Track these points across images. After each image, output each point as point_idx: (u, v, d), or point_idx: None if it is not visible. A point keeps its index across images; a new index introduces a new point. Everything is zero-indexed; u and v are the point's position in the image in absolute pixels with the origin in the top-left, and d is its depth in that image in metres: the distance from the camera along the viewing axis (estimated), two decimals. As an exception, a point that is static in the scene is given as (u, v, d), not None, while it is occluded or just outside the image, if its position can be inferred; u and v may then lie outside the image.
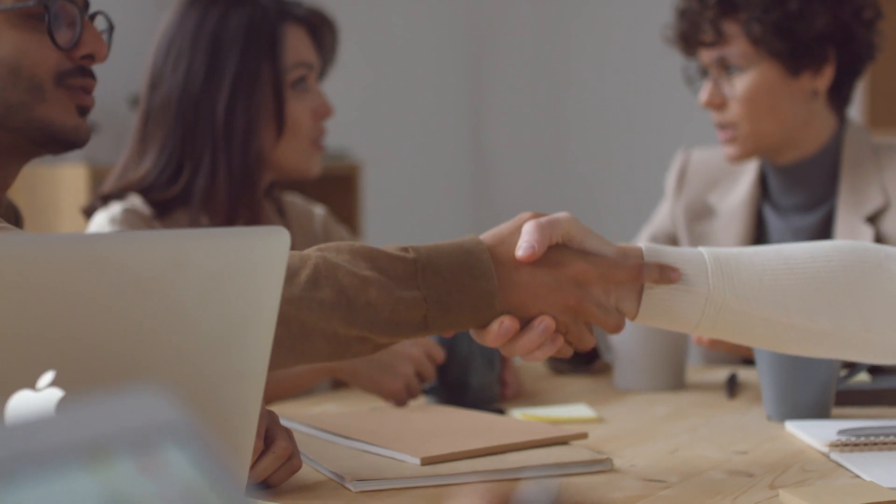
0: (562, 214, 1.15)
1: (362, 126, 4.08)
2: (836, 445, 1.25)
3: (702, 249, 1.19)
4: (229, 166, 1.69)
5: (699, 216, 2.01)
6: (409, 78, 4.36)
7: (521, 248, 1.11)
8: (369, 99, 4.18)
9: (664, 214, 2.07)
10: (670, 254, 1.18)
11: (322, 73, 1.84)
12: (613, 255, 1.15)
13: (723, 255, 1.19)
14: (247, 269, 0.93)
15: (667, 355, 1.65)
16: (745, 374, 1.76)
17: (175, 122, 1.70)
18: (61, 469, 0.39)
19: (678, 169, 2.06)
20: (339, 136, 3.62)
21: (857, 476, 1.15)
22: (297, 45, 1.73)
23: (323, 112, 1.76)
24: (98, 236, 0.91)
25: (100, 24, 1.31)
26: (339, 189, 3.60)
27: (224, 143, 1.68)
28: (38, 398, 0.85)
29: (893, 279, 1.20)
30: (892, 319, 1.20)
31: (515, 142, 4.46)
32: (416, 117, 4.38)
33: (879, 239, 1.85)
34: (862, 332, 1.19)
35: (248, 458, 0.96)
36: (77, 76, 1.25)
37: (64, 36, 1.23)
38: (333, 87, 2.43)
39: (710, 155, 2.04)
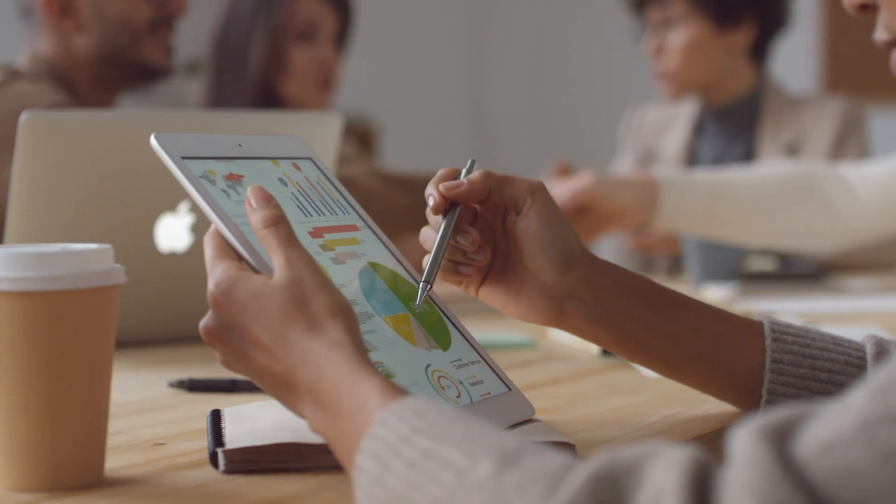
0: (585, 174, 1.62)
1: (381, 92, 4.53)
2: (736, 294, 1.70)
3: (657, 175, 1.64)
4: (249, 98, 2.14)
5: (646, 162, 2.46)
6: (420, 50, 4.80)
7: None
8: (388, 69, 4.63)
9: (625, 168, 2.52)
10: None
11: (343, 37, 2.25)
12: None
13: (679, 175, 1.65)
14: (309, 141, 1.35)
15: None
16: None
17: (216, 63, 2.17)
18: (257, 160, 0.84)
19: (632, 126, 2.52)
20: (361, 100, 4.05)
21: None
22: (307, 9, 2.17)
23: (322, 64, 2.19)
24: (197, 113, 1.33)
25: None
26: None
27: (246, 78, 2.14)
28: (178, 222, 1.28)
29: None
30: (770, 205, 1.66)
31: (513, 107, 4.90)
32: (427, 86, 4.82)
33: None
34: (765, 223, 1.65)
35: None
36: (163, 26, 1.72)
37: None
38: (354, 58, 2.85)
39: (656, 109, 2.49)
